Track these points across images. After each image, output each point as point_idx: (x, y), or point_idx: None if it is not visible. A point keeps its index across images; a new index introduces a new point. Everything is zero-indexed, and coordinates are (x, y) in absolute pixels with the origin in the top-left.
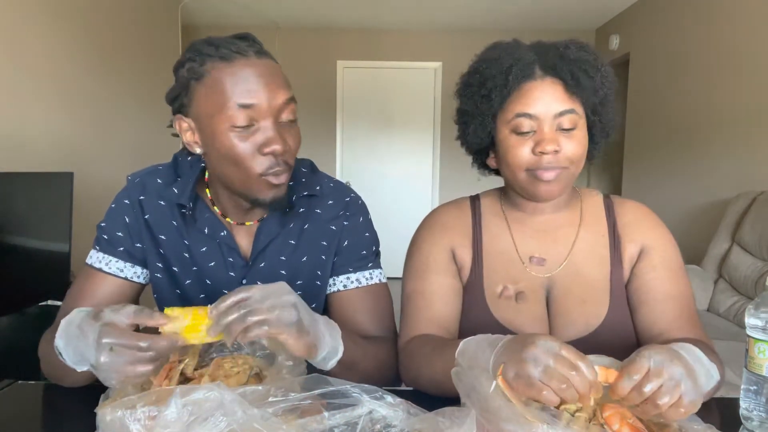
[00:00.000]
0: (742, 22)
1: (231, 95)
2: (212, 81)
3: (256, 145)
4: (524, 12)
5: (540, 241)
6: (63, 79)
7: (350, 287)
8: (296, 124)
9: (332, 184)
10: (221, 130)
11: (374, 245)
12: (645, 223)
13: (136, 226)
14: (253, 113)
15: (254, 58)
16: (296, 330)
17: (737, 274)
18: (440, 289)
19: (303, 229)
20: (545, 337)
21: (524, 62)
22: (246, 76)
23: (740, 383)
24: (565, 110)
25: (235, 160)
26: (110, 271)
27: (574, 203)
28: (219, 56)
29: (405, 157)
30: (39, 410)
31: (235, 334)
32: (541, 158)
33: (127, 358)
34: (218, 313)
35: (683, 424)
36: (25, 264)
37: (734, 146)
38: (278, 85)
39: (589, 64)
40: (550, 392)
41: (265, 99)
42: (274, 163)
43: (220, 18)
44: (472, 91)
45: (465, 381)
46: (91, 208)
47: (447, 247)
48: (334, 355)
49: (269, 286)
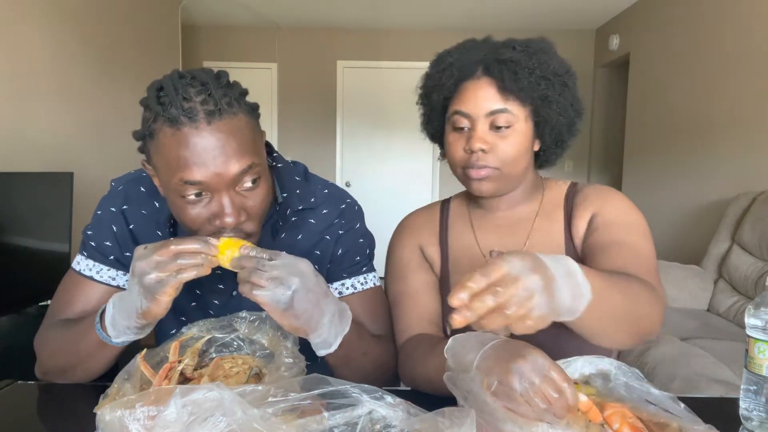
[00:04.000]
0: (742, 22)
1: (176, 169)
2: (160, 145)
3: (208, 212)
4: (524, 12)
5: (500, 236)
6: (63, 79)
7: (346, 294)
8: (259, 183)
9: (326, 191)
10: (172, 195)
11: (369, 249)
12: (596, 196)
13: (122, 235)
14: (202, 187)
15: (204, 124)
16: (281, 311)
17: (737, 274)
18: (422, 286)
19: (296, 240)
20: (537, 354)
21: (465, 62)
22: (191, 148)
23: (740, 383)
24: (496, 109)
25: (184, 223)
26: (102, 280)
27: (534, 196)
28: (167, 117)
29: (405, 157)
30: (39, 410)
31: (239, 280)
32: (471, 156)
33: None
34: (241, 256)
35: (683, 424)
36: (25, 264)
37: (734, 146)
38: (231, 155)
39: (521, 65)
40: (528, 409)
41: (214, 174)
42: (221, 231)
43: (220, 18)
44: (423, 84)
45: (460, 386)
46: (91, 208)
47: (416, 246)
48: (325, 347)
49: (292, 260)
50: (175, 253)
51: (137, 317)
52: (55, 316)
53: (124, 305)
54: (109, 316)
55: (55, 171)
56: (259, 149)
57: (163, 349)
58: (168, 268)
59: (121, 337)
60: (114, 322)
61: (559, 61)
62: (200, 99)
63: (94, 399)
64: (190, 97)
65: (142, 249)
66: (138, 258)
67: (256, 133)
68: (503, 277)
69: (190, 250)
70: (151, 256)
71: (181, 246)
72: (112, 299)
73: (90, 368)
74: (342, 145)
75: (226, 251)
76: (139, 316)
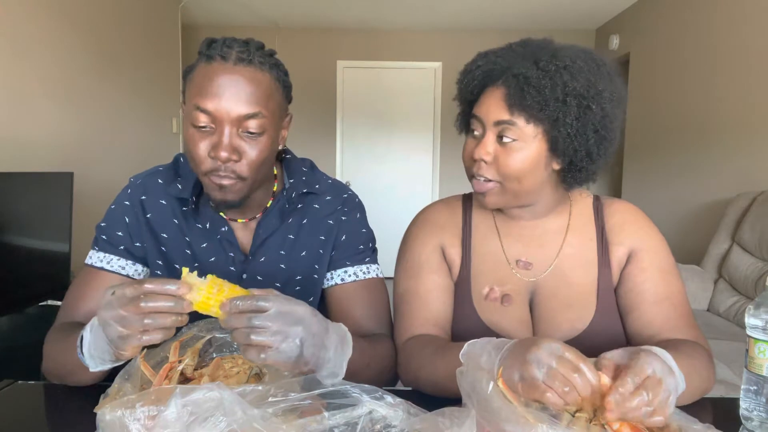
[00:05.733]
0: (742, 22)
1: (195, 95)
2: (194, 77)
3: (210, 144)
4: (524, 12)
5: (527, 246)
6: (63, 79)
7: (348, 281)
8: (262, 137)
9: (330, 181)
10: (186, 123)
11: (371, 242)
12: (633, 225)
13: (136, 225)
14: (210, 117)
15: (231, 64)
16: (292, 364)
17: (737, 274)
18: (435, 288)
19: (302, 224)
20: (548, 340)
21: (492, 68)
22: (213, 80)
23: (740, 383)
24: (502, 120)
25: (190, 154)
26: (112, 269)
27: (562, 208)
28: (206, 55)
29: (405, 157)
30: (39, 410)
31: (236, 341)
32: (474, 165)
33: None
34: (229, 312)
35: (683, 424)
36: (25, 264)
37: (734, 146)
38: (243, 97)
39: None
40: (554, 395)
41: (223, 107)
42: (218, 167)
43: (220, 18)
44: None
45: (467, 381)
46: (91, 208)
47: (438, 246)
48: (332, 378)
49: (288, 305)
50: (142, 312)
51: (108, 354)
52: (67, 311)
53: (98, 340)
54: (87, 345)
55: (55, 171)
56: (273, 110)
57: (163, 349)
58: (132, 327)
59: (98, 366)
60: (90, 352)
61: (588, 80)
62: (239, 49)
63: (94, 399)
64: (231, 46)
65: (109, 295)
66: (104, 306)
67: (276, 98)
68: (648, 380)
69: (159, 309)
70: (117, 310)
71: (150, 304)
72: (89, 325)
73: (79, 381)
74: (342, 145)
75: (201, 308)
76: (110, 354)
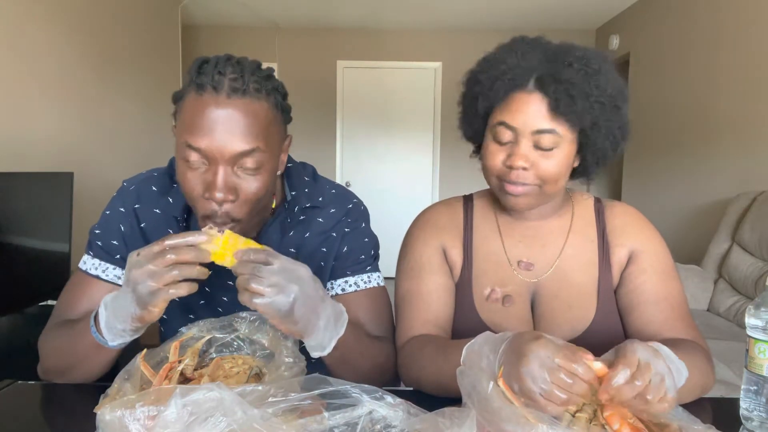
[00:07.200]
0: (742, 22)
1: (185, 131)
2: (183, 107)
3: (203, 182)
4: (524, 12)
5: (528, 246)
6: (63, 79)
7: (348, 291)
8: (260, 173)
9: (334, 191)
10: (178, 156)
11: (373, 249)
12: (633, 227)
13: (131, 234)
14: (203, 155)
15: (224, 96)
16: (281, 317)
17: (737, 274)
18: (436, 289)
19: (304, 238)
20: (537, 347)
21: (518, 71)
22: (205, 115)
23: (740, 383)
24: (544, 129)
25: (183, 189)
26: (108, 279)
27: (564, 209)
28: (197, 83)
29: (405, 157)
30: (39, 410)
31: (237, 286)
32: (510, 172)
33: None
34: (239, 260)
35: (683, 425)
36: (25, 264)
37: (734, 146)
38: (238, 133)
39: (578, 88)
40: (554, 407)
41: (216, 145)
42: (214, 212)
43: (220, 18)
44: (469, 87)
45: (467, 380)
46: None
47: (439, 247)
48: (318, 350)
49: (291, 265)
50: (169, 263)
51: (132, 321)
52: (60, 315)
53: (119, 309)
54: (104, 319)
55: (55, 171)
56: (271, 142)
57: (163, 349)
58: (161, 280)
59: (117, 340)
60: (109, 325)
61: (614, 81)
62: (232, 76)
63: (94, 399)
64: (224, 72)
65: (135, 256)
66: (131, 266)
67: (274, 127)
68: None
69: (184, 260)
70: (145, 265)
71: (176, 256)
72: (103, 301)
73: (88, 370)
74: (342, 145)
75: (217, 258)
76: (134, 320)
